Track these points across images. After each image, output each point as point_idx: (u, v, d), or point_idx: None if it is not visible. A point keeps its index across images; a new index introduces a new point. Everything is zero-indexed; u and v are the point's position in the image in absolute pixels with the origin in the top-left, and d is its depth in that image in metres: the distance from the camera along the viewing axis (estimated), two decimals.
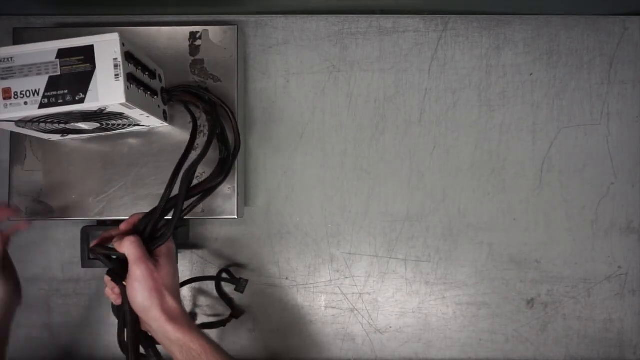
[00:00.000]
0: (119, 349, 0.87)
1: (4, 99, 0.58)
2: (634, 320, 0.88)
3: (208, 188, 0.73)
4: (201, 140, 0.78)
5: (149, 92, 0.67)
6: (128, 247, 0.62)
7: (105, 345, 0.88)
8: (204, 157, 0.71)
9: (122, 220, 0.79)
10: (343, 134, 0.88)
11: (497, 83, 0.88)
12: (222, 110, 0.77)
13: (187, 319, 0.64)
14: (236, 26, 0.80)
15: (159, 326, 0.62)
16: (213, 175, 0.74)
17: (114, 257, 0.66)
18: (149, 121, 0.71)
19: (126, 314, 0.65)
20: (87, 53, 0.57)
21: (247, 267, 0.88)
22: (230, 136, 0.78)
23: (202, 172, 0.77)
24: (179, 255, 0.84)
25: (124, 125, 0.71)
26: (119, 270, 0.65)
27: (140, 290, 0.62)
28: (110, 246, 0.66)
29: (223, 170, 0.75)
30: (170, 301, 0.63)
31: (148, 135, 0.78)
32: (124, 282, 0.64)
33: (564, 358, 0.88)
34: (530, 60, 0.88)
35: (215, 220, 0.87)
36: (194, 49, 0.80)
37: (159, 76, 0.73)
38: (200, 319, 0.87)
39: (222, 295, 0.86)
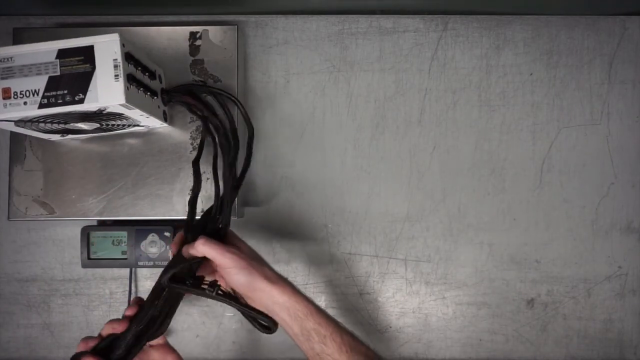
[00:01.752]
0: None
1: (4, 98, 0.58)
2: (634, 320, 0.88)
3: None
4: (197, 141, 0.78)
5: (148, 93, 0.67)
6: (203, 249, 0.64)
7: None
8: (238, 151, 0.75)
9: (122, 221, 0.80)
10: (343, 134, 0.88)
11: (497, 83, 0.88)
12: (229, 100, 0.77)
13: (288, 283, 0.66)
14: (236, 26, 0.81)
15: (266, 294, 0.64)
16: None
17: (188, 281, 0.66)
18: (149, 121, 0.71)
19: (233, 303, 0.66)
20: (87, 53, 0.57)
21: None
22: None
23: (203, 172, 0.77)
24: None
25: (123, 125, 0.71)
26: (196, 281, 0.66)
27: (238, 273, 0.64)
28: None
29: (248, 161, 0.77)
30: (266, 269, 0.66)
31: (148, 135, 0.78)
32: (213, 290, 0.65)
33: (564, 358, 0.88)
34: (530, 60, 0.88)
35: None
36: (194, 49, 0.80)
37: (159, 77, 0.73)
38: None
39: None
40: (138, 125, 0.73)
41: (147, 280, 0.87)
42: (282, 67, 0.88)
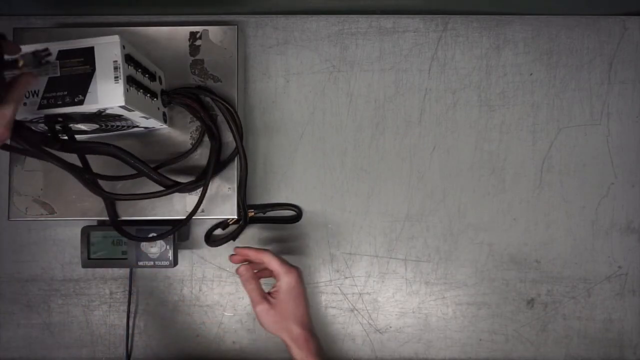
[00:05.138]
0: (119, 348, 0.87)
1: None
2: (634, 320, 0.88)
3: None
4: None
5: (148, 95, 0.67)
6: (246, 288, 0.74)
7: (105, 345, 0.88)
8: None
9: (122, 221, 0.79)
10: (343, 134, 0.88)
11: (497, 83, 0.88)
12: (224, 109, 0.77)
13: (312, 345, 0.71)
14: (236, 26, 0.80)
15: (288, 347, 0.72)
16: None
17: None
18: (148, 123, 0.71)
19: None
20: (87, 55, 0.57)
21: None
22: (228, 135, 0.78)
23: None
24: (179, 254, 0.84)
25: (123, 126, 0.71)
26: None
27: (265, 323, 0.72)
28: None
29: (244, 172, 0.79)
30: (295, 329, 0.72)
31: (148, 135, 0.78)
32: None
33: (564, 358, 0.88)
34: (530, 60, 0.88)
35: (215, 220, 0.87)
36: (194, 49, 0.80)
37: (159, 78, 0.73)
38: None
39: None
40: (137, 127, 0.73)
41: (147, 280, 0.88)
42: (282, 67, 0.88)
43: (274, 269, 0.74)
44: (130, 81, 0.60)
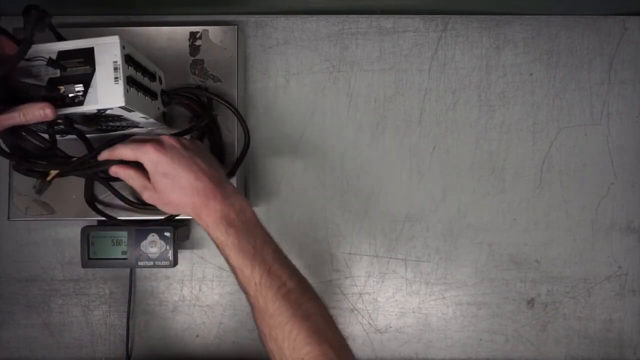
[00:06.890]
0: (119, 349, 0.87)
1: None
2: (634, 320, 0.88)
3: None
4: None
5: (148, 95, 0.67)
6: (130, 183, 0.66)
7: (105, 345, 0.88)
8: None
9: (122, 221, 0.79)
10: (343, 134, 0.88)
11: (497, 83, 0.88)
12: (226, 109, 0.77)
13: (212, 210, 0.63)
14: (236, 26, 0.80)
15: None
16: None
17: None
18: (149, 123, 0.71)
19: None
20: (87, 55, 0.57)
21: None
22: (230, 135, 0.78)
23: None
24: (179, 255, 0.83)
25: (123, 127, 0.71)
26: None
27: (161, 209, 0.66)
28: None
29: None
30: (183, 203, 0.64)
31: (148, 135, 0.78)
32: None
33: (564, 358, 0.88)
34: (530, 60, 0.88)
35: None
36: (194, 49, 0.79)
37: (159, 78, 0.73)
38: None
39: None
40: (137, 127, 0.73)
41: (147, 280, 0.88)
42: (282, 67, 0.88)
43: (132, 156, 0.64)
44: (130, 82, 0.60)
